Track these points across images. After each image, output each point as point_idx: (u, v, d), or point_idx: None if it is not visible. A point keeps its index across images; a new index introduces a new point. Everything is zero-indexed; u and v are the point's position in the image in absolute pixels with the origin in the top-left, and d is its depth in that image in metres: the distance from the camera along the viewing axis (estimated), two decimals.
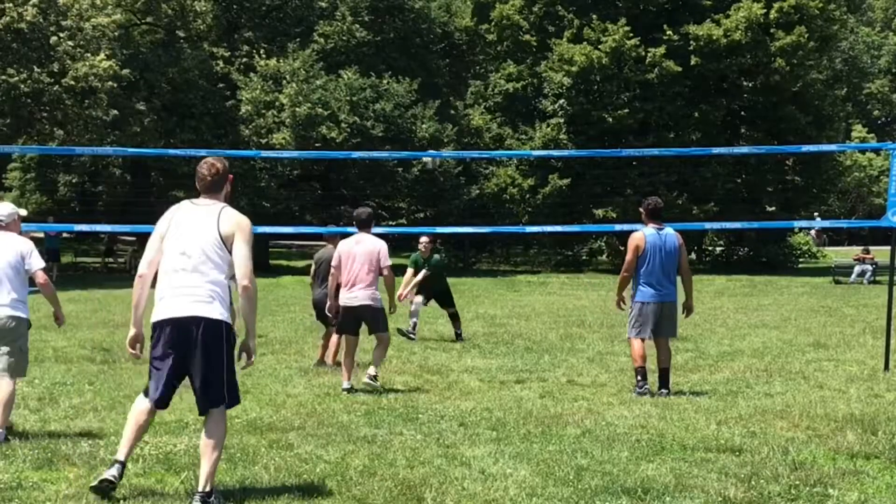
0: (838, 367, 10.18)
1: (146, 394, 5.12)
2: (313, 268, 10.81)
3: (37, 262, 6.63)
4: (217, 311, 4.95)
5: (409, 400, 8.03)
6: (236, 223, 5.00)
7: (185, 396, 8.06)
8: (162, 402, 5.09)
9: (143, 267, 5.08)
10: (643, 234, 8.48)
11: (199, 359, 4.93)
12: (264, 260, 34.48)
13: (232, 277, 5.05)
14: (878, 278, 26.95)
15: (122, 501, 4.94)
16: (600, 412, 7.47)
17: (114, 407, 7.59)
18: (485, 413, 7.42)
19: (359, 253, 8.62)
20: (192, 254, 4.95)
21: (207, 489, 4.81)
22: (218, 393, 5.03)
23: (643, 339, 8.43)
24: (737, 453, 6.05)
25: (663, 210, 8.75)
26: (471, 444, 6.34)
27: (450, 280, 14.25)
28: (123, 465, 4.99)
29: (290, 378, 9.29)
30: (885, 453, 6.07)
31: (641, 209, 8.70)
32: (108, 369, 9.81)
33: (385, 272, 8.68)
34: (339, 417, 7.23)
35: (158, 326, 5.01)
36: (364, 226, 8.83)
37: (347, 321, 8.72)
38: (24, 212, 7.34)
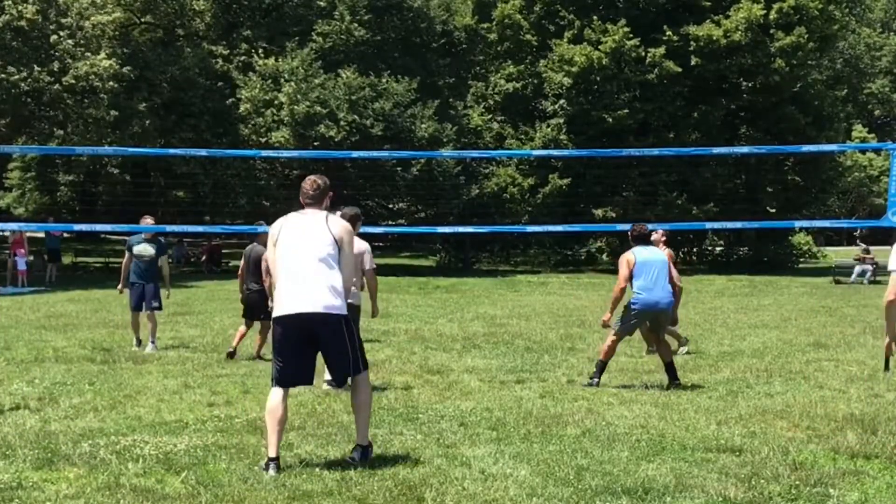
0: (838, 367, 10.17)
1: (280, 384, 5.79)
2: (242, 263, 10.84)
3: None
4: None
5: (409, 400, 8.02)
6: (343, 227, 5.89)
7: (184, 397, 8.10)
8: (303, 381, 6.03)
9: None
10: (633, 254, 9.01)
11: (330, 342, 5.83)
12: None
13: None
14: (878, 278, 26.97)
15: (121, 501, 4.94)
16: (600, 412, 7.47)
17: (114, 407, 7.58)
18: (485, 413, 7.42)
19: None
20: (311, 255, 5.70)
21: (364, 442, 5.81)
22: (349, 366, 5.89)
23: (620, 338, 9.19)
24: (737, 453, 6.05)
25: (649, 236, 9.41)
26: (471, 444, 6.33)
27: (450, 280, 14.27)
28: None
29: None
30: (885, 453, 6.06)
31: (629, 234, 9.23)
32: (108, 369, 9.81)
33: (368, 275, 8.67)
34: (339, 417, 7.22)
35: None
36: None
37: None
38: None
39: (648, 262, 8.93)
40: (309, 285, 5.57)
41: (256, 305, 10.67)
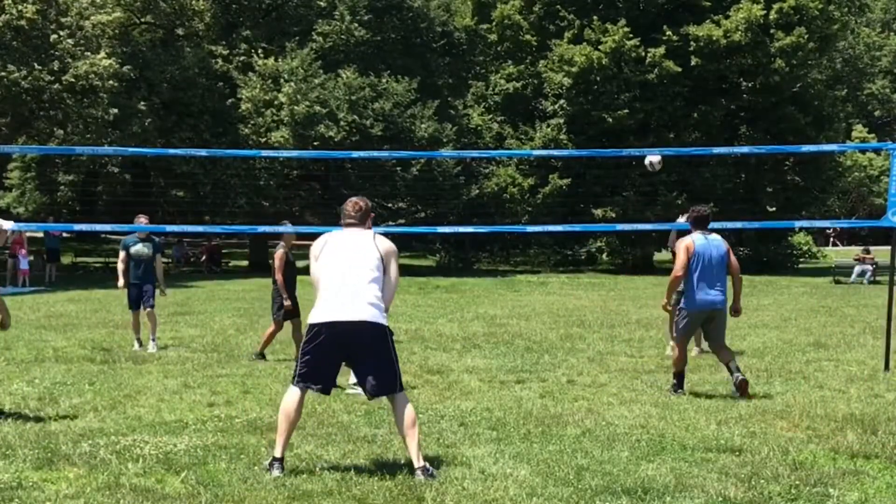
0: (838, 367, 10.17)
1: (303, 380, 5.78)
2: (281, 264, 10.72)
3: None
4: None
5: (409, 400, 8.02)
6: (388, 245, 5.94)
7: (184, 397, 8.10)
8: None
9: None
10: (692, 240, 8.42)
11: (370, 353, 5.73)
12: (264, 260, 34.48)
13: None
14: (878, 278, 26.96)
15: (121, 501, 4.94)
16: (600, 412, 7.47)
17: (114, 407, 7.58)
18: (485, 413, 7.42)
19: None
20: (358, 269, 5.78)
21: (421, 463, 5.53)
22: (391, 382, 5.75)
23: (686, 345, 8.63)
24: (737, 453, 6.05)
25: (709, 220, 8.63)
26: (471, 444, 6.33)
27: (450, 280, 14.28)
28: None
29: (291, 378, 9.27)
30: (885, 453, 6.07)
31: (686, 217, 8.82)
32: (108, 369, 9.81)
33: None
34: (339, 417, 7.23)
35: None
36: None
37: None
38: (7, 225, 7.29)
39: (706, 252, 8.30)
40: (355, 297, 5.65)
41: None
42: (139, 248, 11.56)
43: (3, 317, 6.84)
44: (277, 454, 5.54)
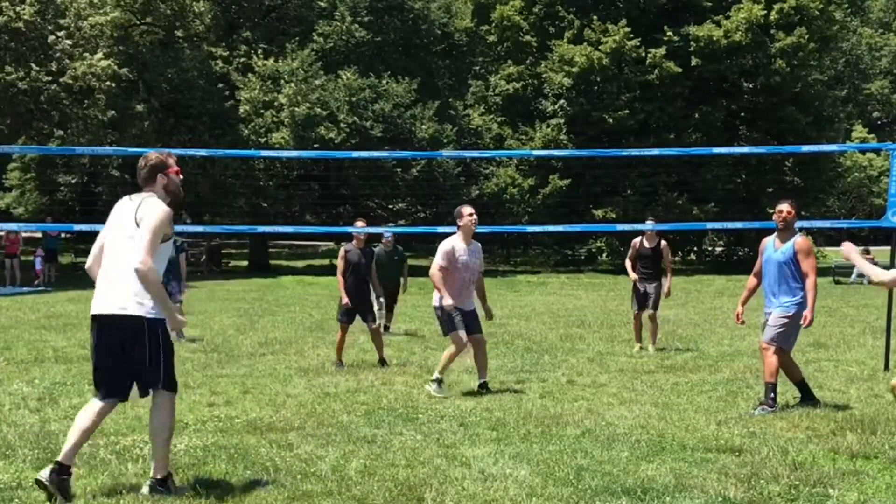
0: (838, 367, 10.17)
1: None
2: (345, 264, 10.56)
3: None
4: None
5: (409, 400, 8.02)
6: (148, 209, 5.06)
7: (184, 397, 8.09)
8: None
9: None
10: (764, 244, 7.86)
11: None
12: (264, 260, 34.48)
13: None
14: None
15: (121, 501, 4.93)
16: (600, 412, 7.47)
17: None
18: (485, 413, 7.41)
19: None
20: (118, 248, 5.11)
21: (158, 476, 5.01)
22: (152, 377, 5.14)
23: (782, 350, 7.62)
24: (737, 453, 6.05)
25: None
26: (471, 444, 6.33)
27: None
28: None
29: (290, 378, 9.29)
30: (885, 453, 6.06)
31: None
32: None
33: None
34: (339, 417, 7.23)
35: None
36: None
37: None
38: None
39: (770, 258, 7.70)
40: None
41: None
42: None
43: None
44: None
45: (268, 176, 31.32)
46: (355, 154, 23.27)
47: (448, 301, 8.32)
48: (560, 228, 22.66)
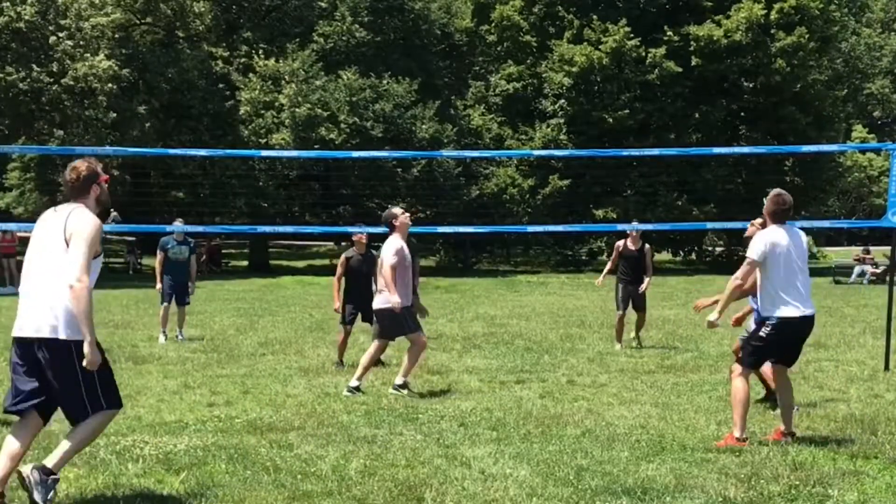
0: (838, 367, 10.16)
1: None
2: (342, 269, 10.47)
3: None
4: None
5: (409, 400, 8.02)
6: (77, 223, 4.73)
7: (184, 397, 8.10)
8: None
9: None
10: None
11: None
12: (264, 260, 34.47)
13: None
14: (877, 277, 26.96)
15: (121, 501, 4.94)
16: (600, 412, 7.47)
17: None
18: (485, 413, 7.42)
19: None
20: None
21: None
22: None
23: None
24: (737, 453, 6.05)
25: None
26: (471, 444, 6.33)
27: (450, 280, 14.25)
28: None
29: (290, 378, 9.29)
30: (885, 453, 6.07)
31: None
32: None
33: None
34: (339, 417, 7.23)
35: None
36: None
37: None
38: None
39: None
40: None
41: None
42: (177, 250, 12.74)
43: None
44: None
45: (268, 176, 31.30)
46: (355, 154, 23.23)
47: (397, 300, 8.26)
48: (560, 228, 22.68)
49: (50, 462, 4.66)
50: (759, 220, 7.42)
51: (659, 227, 18.41)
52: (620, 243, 12.30)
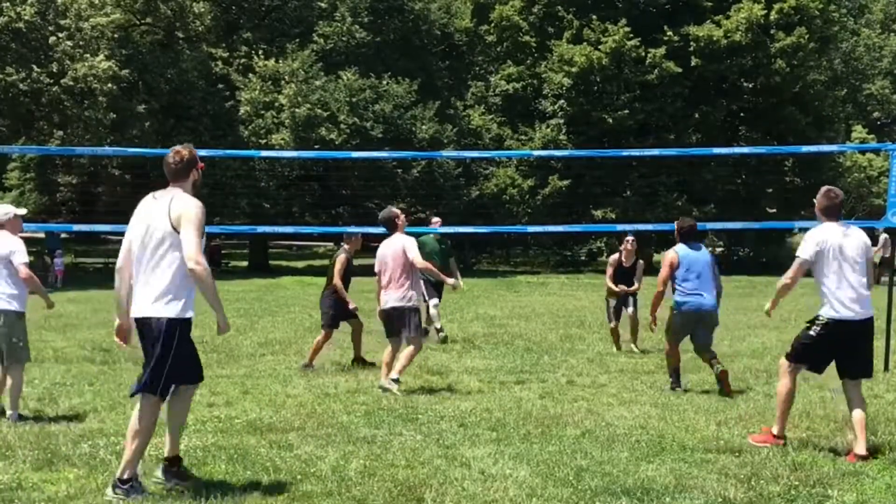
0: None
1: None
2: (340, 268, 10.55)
3: (18, 258, 6.92)
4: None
5: (409, 400, 8.02)
6: (183, 208, 5.00)
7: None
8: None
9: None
10: (676, 252, 8.74)
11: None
12: (264, 260, 34.47)
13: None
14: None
15: (122, 501, 4.93)
16: (600, 413, 7.47)
17: (114, 407, 7.59)
18: (484, 413, 7.42)
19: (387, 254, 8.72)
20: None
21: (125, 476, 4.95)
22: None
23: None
24: (737, 454, 6.05)
25: (696, 230, 9.00)
26: (471, 444, 6.33)
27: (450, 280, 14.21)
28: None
29: (290, 378, 9.29)
30: (885, 453, 6.07)
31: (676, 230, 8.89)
32: (108, 370, 9.81)
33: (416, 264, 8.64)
34: (339, 418, 7.23)
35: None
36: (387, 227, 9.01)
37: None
38: (22, 211, 7.40)
39: (694, 260, 8.72)
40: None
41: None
42: None
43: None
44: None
45: (268, 177, 31.29)
46: (355, 154, 23.19)
47: (452, 280, 8.78)
48: (560, 229, 22.67)
49: (122, 473, 4.96)
50: None
51: (659, 227, 18.32)
52: (614, 258, 12.30)
